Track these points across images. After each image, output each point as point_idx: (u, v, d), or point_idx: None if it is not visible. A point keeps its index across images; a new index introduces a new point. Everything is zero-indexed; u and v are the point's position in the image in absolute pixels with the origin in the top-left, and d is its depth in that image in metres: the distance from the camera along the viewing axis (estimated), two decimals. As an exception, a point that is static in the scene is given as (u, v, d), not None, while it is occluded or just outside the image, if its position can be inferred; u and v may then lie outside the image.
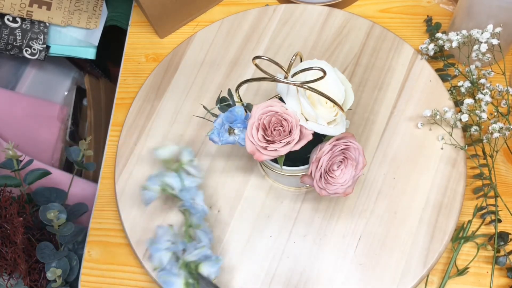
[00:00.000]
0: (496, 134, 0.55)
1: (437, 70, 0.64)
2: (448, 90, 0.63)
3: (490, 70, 0.60)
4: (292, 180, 0.57)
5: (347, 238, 0.57)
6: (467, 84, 0.60)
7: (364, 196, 0.59)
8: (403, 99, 0.63)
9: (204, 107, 0.53)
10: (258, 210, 0.60)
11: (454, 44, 0.58)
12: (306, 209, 0.59)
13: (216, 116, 0.50)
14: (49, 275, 0.57)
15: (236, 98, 0.50)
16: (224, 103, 0.50)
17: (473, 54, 0.58)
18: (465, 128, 0.59)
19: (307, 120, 0.46)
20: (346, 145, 0.47)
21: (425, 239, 0.56)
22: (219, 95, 0.51)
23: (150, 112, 0.67)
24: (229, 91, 0.50)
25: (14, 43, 0.69)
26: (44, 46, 0.70)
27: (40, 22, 0.69)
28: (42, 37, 0.70)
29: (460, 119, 0.58)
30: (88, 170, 0.67)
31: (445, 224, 0.57)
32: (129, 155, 0.65)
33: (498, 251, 0.57)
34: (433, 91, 0.63)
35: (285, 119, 0.46)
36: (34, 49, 0.70)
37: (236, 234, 0.59)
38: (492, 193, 0.58)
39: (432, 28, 0.68)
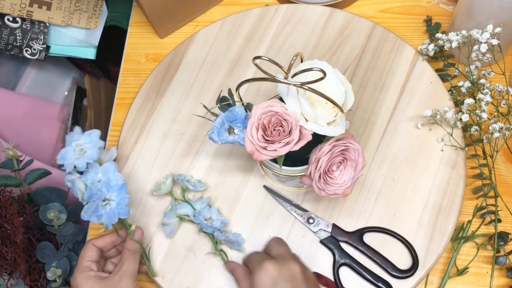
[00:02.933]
0: (496, 134, 0.55)
1: (437, 70, 0.64)
2: (448, 90, 0.63)
3: (490, 70, 0.60)
4: (291, 180, 0.57)
5: (347, 238, 0.57)
6: (467, 84, 0.60)
7: (364, 197, 0.59)
8: (403, 101, 0.63)
9: (204, 106, 0.53)
10: (258, 210, 0.60)
11: (454, 44, 0.58)
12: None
13: (216, 115, 0.50)
14: (49, 275, 0.57)
15: (236, 98, 0.50)
16: (224, 102, 0.50)
17: (473, 54, 0.58)
18: (465, 128, 0.59)
19: (307, 120, 0.46)
20: (345, 146, 0.47)
21: (424, 240, 0.56)
22: (219, 94, 0.51)
23: (150, 111, 0.67)
24: (230, 91, 0.50)
25: (14, 43, 0.69)
26: (44, 46, 0.70)
27: (40, 22, 0.69)
28: (42, 37, 0.70)
29: (461, 119, 0.58)
30: (88, 170, 0.67)
31: (444, 226, 0.57)
32: (129, 155, 0.65)
33: (498, 251, 0.57)
34: (434, 93, 0.63)
35: (285, 119, 0.46)
36: (34, 49, 0.70)
37: (236, 234, 0.59)
38: (492, 193, 0.58)
39: (432, 28, 0.67)
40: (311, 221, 0.58)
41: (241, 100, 0.50)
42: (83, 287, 0.50)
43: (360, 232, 0.57)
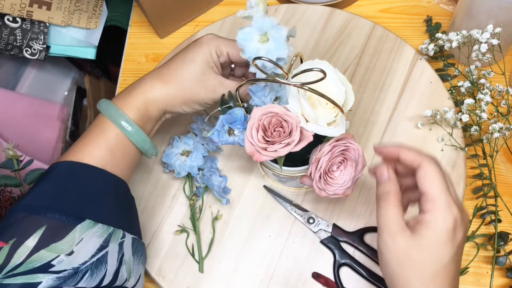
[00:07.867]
0: (496, 134, 0.55)
1: (437, 70, 0.64)
2: (448, 90, 0.63)
3: (490, 70, 0.60)
4: (291, 180, 0.57)
5: (347, 239, 0.57)
6: (467, 84, 0.60)
7: (364, 197, 0.59)
8: (403, 100, 0.63)
9: (204, 109, 0.53)
10: (258, 210, 0.60)
11: (454, 44, 0.58)
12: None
13: (217, 117, 0.50)
14: (50, 275, 0.57)
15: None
16: (225, 105, 0.50)
17: (473, 54, 0.58)
18: (465, 128, 0.59)
19: (307, 121, 0.46)
20: (346, 146, 0.47)
21: (425, 239, 0.56)
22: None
23: (150, 112, 0.67)
24: (229, 93, 0.50)
25: (14, 43, 0.69)
26: (44, 46, 0.70)
27: (40, 22, 0.69)
28: (42, 37, 0.70)
29: (461, 119, 0.58)
30: (88, 170, 0.67)
31: (445, 225, 0.57)
32: (129, 155, 0.65)
33: (498, 251, 0.57)
34: (434, 93, 0.63)
35: (285, 120, 0.46)
36: (34, 49, 0.70)
37: (235, 234, 0.59)
38: (492, 193, 0.58)
39: (432, 28, 0.67)
40: (311, 221, 0.58)
41: (241, 101, 0.50)
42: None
43: (361, 232, 0.57)
